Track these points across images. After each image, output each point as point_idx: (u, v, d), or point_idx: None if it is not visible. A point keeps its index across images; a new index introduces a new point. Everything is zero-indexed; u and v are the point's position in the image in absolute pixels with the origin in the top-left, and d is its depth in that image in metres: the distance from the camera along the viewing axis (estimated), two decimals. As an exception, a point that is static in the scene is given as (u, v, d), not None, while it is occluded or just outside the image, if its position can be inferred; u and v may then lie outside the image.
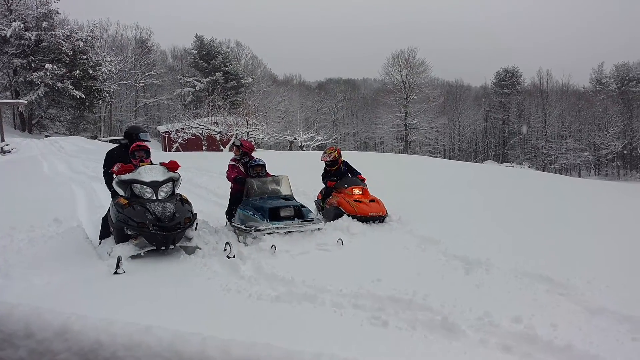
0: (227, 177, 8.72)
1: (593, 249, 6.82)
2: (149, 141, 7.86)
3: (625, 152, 63.60)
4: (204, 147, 40.08)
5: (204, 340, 1.06)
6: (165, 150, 43.85)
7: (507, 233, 7.85)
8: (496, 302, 4.69)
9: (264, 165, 8.53)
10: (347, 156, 11.43)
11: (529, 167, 60.34)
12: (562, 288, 5.07)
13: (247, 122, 41.21)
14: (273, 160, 14.64)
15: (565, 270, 5.52)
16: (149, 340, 1.07)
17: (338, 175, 9.59)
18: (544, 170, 58.19)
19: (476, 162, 62.93)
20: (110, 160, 7.53)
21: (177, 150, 39.69)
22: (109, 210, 6.97)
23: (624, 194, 14.90)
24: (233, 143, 8.99)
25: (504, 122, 73.84)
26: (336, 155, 9.75)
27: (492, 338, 3.93)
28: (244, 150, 8.84)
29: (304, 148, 48.06)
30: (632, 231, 8.05)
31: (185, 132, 40.22)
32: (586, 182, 22.15)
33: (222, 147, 38.48)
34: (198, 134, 40.23)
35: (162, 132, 48.83)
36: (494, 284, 5.31)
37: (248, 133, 39.93)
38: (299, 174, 12.01)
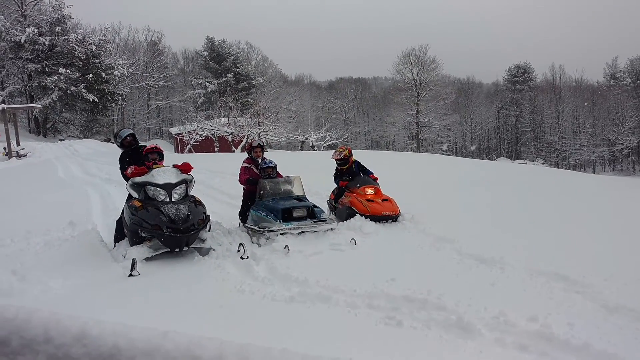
0: (239, 179, 8.72)
1: (609, 246, 6.74)
2: (132, 132, 7.94)
3: (640, 147, 62.83)
4: (216, 149, 40.25)
5: (221, 345, 1.06)
6: (178, 152, 44.07)
7: (521, 231, 7.79)
8: (512, 300, 4.65)
9: (274, 167, 8.54)
10: (359, 155, 11.42)
11: (542, 163, 59.83)
12: (578, 286, 5.02)
13: (259, 122, 41.31)
14: (285, 161, 14.67)
15: (581, 268, 5.46)
16: (166, 345, 1.08)
17: (350, 174, 9.58)
18: (558, 167, 57.72)
19: (489, 159, 62.58)
20: (123, 161, 7.64)
21: (190, 151, 39.89)
22: (122, 213, 7.03)
23: (638, 189, 14.72)
24: (259, 144, 8.89)
25: (516, 119, 73.31)
26: (347, 154, 9.73)
27: (508, 337, 3.90)
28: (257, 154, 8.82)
29: (316, 148, 48.07)
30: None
31: (197, 134, 40.42)
32: (600, 178, 21.93)
33: (234, 148, 38.63)
34: (210, 136, 40.40)
35: (175, 134, 49.09)
36: (509, 282, 5.27)
37: (259, 134, 40.01)
38: (311, 174, 12.01)
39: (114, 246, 7.04)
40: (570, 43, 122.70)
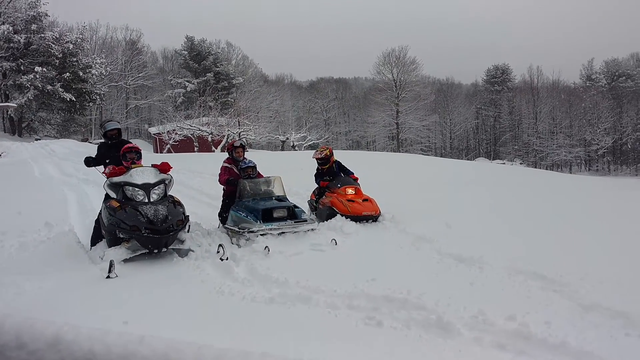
0: (219, 180, 8.67)
1: (585, 244, 6.85)
2: (118, 128, 7.88)
3: (615, 147, 64.05)
4: (196, 149, 39.99)
5: (199, 350, 1.04)
6: (157, 152, 43.67)
7: (500, 230, 7.88)
8: (490, 299, 4.70)
9: (254, 167, 8.50)
10: (340, 155, 11.43)
11: (520, 163, 60.61)
12: (555, 285, 5.09)
13: (239, 122, 41.14)
14: (265, 161, 14.62)
15: (559, 267, 5.54)
16: (143, 351, 1.06)
17: (331, 175, 9.59)
18: (535, 167, 58.51)
19: (468, 159, 63.19)
20: (99, 152, 7.62)
21: (169, 151, 39.54)
22: (100, 214, 6.93)
23: (613, 189, 14.99)
24: (234, 145, 8.83)
25: (495, 119, 74.15)
26: (327, 153, 9.76)
27: (486, 336, 3.94)
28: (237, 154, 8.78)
29: (296, 148, 48.05)
30: (623, 226, 8.09)
31: (176, 134, 40.11)
32: (576, 177, 22.28)
33: (214, 148, 38.41)
34: (190, 135, 40.13)
35: (154, 134, 48.64)
36: (487, 281, 5.33)
37: (239, 134, 39.85)
38: (291, 174, 12.00)
39: (91, 248, 6.94)
40: (547, 44, 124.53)
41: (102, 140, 7.90)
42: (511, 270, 5.61)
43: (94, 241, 7.01)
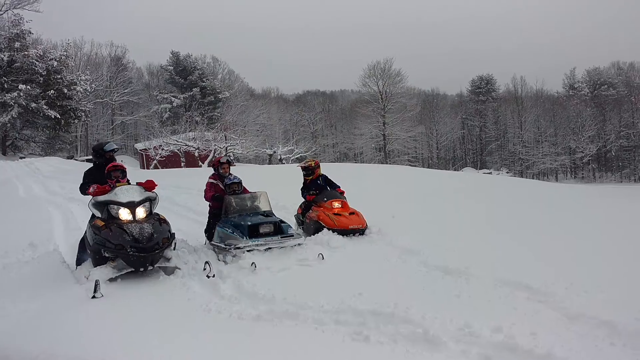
0: (204, 196, 8.63)
1: (570, 254, 6.89)
2: (117, 149, 7.77)
3: (599, 154, 64.80)
4: (183, 164, 39.83)
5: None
6: (144, 168, 43.45)
7: (486, 241, 7.91)
8: (476, 312, 4.71)
9: (239, 183, 8.46)
10: (326, 168, 11.45)
11: (507, 172, 61.10)
12: (541, 295, 5.11)
13: (226, 137, 41.08)
14: (252, 175, 14.60)
15: (544, 277, 5.56)
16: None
17: (317, 188, 9.59)
18: (522, 176, 59.01)
19: (454, 169, 63.54)
20: (88, 177, 7.42)
21: (156, 167, 39.36)
22: (85, 233, 6.87)
23: (596, 197, 15.14)
24: (221, 161, 8.74)
25: (480, 129, 74.77)
26: (312, 164, 9.81)
27: (473, 348, 3.95)
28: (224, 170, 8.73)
29: (284, 161, 48.03)
30: (607, 235, 8.16)
31: (163, 149, 39.98)
32: (561, 186, 22.47)
33: (200, 163, 38.28)
34: (176, 151, 39.99)
35: (140, 150, 48.44)
36: (474, 293, 5.34)
37: (227, 148, 39.77)
38: (278, 187, 11.99)
39: (76, 268, 6.86)
40: (531, 54, 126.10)
41: (89, 162, 7.71)
42: (497, 281, 5.63)
43: (79, 261, 6.93)
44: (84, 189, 7.26)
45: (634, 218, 9.90)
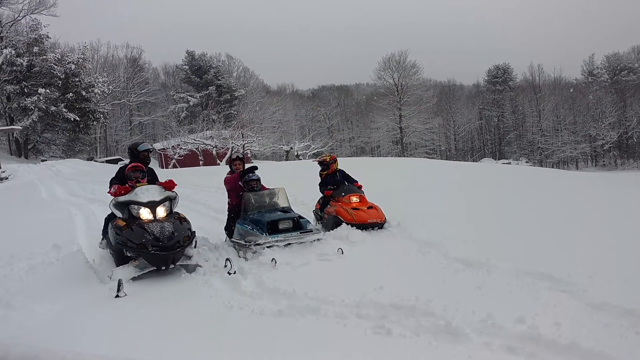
0: (225, 183, 8.64)
1: (591, 244, 6.80)
2: (152, 150, 7.90)
3: (621, 141, 63.75)
4: (201, 162, 40.09)
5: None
6: (163, 167, 43.82)
7: (506, 232, 7.84)
8: (499, 303, 4.68)
9: (258, 180, 8.50)
10: (343, 163, 11.44)
11: (526, 162, 60.43)
12: (563, 285, 5.06)
13: (242, 134, 41.24)
14: (270, 171, 14.65)
15: (566, 267, 5.51)
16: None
17: (335, 183, 9.60)
18: (541, 165, 58.31)
19: (473, 160, 63.05)
20: (120, 174, 7.56)
21: (174, 166, 39.70)
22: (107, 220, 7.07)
23: (617, 185, 14.91)
24: (234, 158, 8.85)
25: (498, 119, 74.04)
26: (327, 159, 9.85)
27: (496, 340, 3.93)
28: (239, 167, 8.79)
29: (300, 157, 48.10)
30: (629, 223, 8.04)
31: (181, 148, 40.27)
32: (581, 174, 22.17)
33: (219, 161, 38.50)
34: (194, 149, 40.25)
35: (159, 150, 48.82)
36: (495, 284, 5.31)
37: (244, 145, 39.94)
38: (296, 184, 12.01)
39: (102, 239, 7.39)
40: (547, 41, 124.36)
41: (109, 163, 7.86)
42: (519, 272, 5.58)
43: (105, 233, 7.31)
44: (111, 187, 7.40)
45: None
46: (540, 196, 11.83)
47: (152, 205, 6.67)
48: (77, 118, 45.51)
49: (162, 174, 9.45)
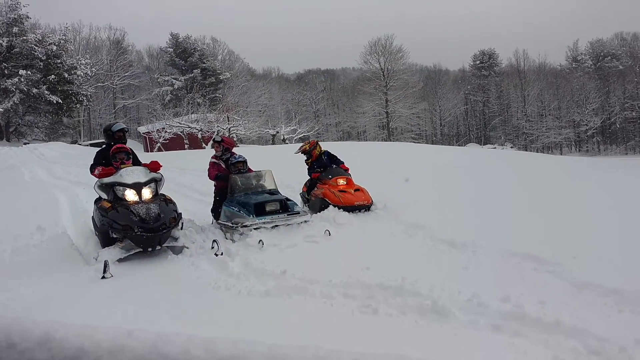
0: (208, 175, 8.70)
1: (578, 225, 6.90)
2: (126, 129, 7.78)
3: (604, 127, 64.45)
4: (186, 146, 39.80)
5: (187, 340, 1.05)
6: (147, 151, 43.44)
7: (491, 214, 7.91)
8: (484, 283, 4.73)
9: (244, 162, 8.49)
10: (330, 146, 11.43)
11: (511, 147, 60.88)
12: (548, 265, 5.13)
13: (228, 118, 40.97)
14: (256, 155, 14.59)
15: (551, 248, 5.58)
16: (132, 344, 1.06)
17: (321, 166, 9.60)
18: (526, 150, 58.80)
19: (458, 145, 63.37)
20: (99, 158, 7.44)
21: (159, 150, 39.39)
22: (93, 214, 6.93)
23: (598, 169, 15.09)
24: (214, 139, 8.95)
25: (484, 104, 74.32)
26: (307, 147, 9.86)
27: (481, 319, 3.97)
28: (225, 147, 8.83)
29: (287, 141, 47.98)
30: (612, 205, 8.15)
31: (166, 132, 39.91)
32: (564, 159, 22.40)
33: (204, 145, 38.26)
34: (179, 133, 39.94)
35: (143, 133, 48.39)
36: (481, 265, 5.36)
37: (229, 129, 39.72)
38: (283, 167, 11.98)
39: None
40: (532, 27, 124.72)
41: (99, 145, 7.75)
42: (504, 252, 5.65)
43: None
44: (93, 170, 7.31)
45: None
46: (527, 179, 11.93)
47: (138, 187, 6.62)
48: (60, 100, 44.85)
49: (148, 157, 9.37)
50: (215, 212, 8.39)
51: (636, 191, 9.50)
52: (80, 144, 46.56)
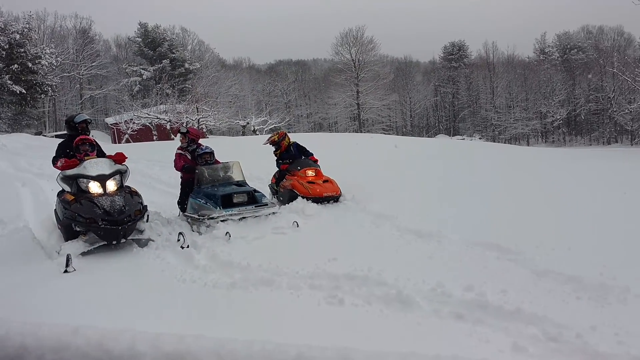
0: (174, 166, 8.60)
1: (539, 214, 7.04)
2: (89, 120, 7.63)
3: (569, 118, 65.82)
4: (155, 137, 39.25)
5: (133, 337, 1.03)
6: (115, 143, 42.68)
7: (457, 205, 8.00)
8: (449, 272, 4.80)
9: (211, 153, 8.40)
10: (300, 138, 11.40)
11: (480, 138, 61.73)
12: (511, 254, 5.23)
13: (197, 109, 40.51)
14: (225, 147, 14.48)
15: (514, 237, 5.69)
16: (77, 341, 1.04)
17: (290, 157, 9.58)
18: (494, 141, 59.64)
19: (428, 137, 63.94)
20: (61, 150, 7.26)
21: (127, 141, 38.76)
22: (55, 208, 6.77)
23: (563, 159, 15.41)
24: (179, 131, 8.83)
25: (453, 96, 75.11)
26: (276, 138, 9.82)
27: (445, 308, 4.03)
28: (190, 138, 8.72)
29: (257, 132, 47.72)
30: (574, 195, 8.33)
31: (134, 123, 39.27)
32: (529, 149, 22.81)
33: (172, 136, 37.76)
34: (147, 124, 39.34)
35: (111, 124, 47.52)
36: (446, 254, 5.44)
37: (199, 120, 39.29)
38: (252, 158, 11.91)
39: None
40: (502, 19, 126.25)
41: (63, 137, 7.52)
42: (469, 242, 5.74)
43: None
44: (55, 162, 7.14)
45: (604, 178, 10.11)
46: (489, 171, 12.11)
47: (102, 179, 6.50)
48: (24, 91, 43.55)
49: (115, 149, 9.21)
50: (182, 204, 8.30)
51: (606, 181, 9.71)
52: (45, 135, 45.41)
